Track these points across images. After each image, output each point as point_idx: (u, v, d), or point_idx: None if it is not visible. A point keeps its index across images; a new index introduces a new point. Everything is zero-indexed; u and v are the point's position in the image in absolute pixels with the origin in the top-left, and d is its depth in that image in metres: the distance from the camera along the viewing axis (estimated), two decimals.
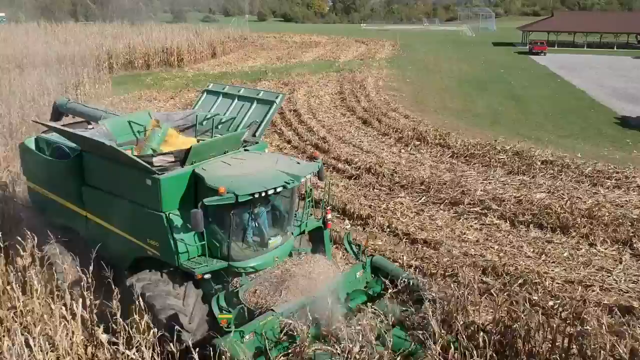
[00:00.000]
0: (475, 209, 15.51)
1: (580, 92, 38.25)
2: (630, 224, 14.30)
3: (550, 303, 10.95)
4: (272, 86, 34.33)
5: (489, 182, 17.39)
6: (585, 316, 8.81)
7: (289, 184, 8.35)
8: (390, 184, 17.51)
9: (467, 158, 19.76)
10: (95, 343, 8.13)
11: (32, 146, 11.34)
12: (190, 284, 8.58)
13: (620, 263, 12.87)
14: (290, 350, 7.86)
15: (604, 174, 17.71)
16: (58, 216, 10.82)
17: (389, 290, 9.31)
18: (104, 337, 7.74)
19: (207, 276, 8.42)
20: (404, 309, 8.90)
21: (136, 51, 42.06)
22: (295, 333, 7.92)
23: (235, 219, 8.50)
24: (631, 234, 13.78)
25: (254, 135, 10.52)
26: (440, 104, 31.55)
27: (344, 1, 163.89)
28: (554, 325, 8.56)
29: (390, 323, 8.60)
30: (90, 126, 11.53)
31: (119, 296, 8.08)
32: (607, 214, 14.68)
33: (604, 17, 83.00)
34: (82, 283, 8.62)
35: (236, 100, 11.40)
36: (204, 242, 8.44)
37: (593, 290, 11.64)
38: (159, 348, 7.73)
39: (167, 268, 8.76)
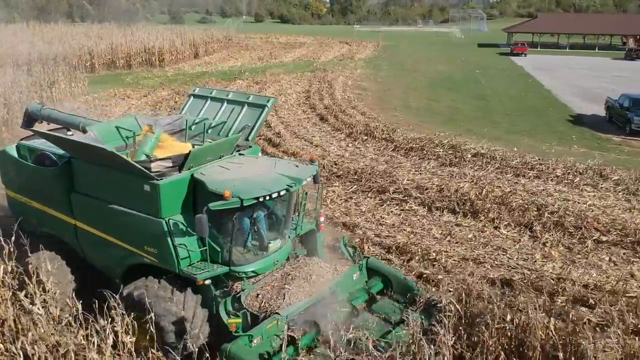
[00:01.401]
0: (399, 197, 16.75)
1: (546, 92, 39.44)
2: (536, 209, 15.53)
3: (440, 277, 12.20)
4: (244, 85, 35.61)
5: (419, 173, 18.63)
6: (469, 287, 9.69)
7: (291, 187, 8.41)
8: (328, 174, 18.75)
9: (407, 151, 21.01)
10: None
11: (14, 153, 10.90)
12: (189, 290, 8.52)
13: (518, 243, 14.12)
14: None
15: (527, 166, 18.94)
16: (43, 225, 10.51)
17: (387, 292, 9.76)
18: None
19: (207, 282, 8.38)
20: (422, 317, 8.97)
21: (118, 51, 43.34)
22: (298, 337, 8.13)
23: (237, 223, 8.41)
24: (533, 219, 15.02)
25: (246, 139, 10.49)
26: (402, 103, 32.79)
27: (341, 3, 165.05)
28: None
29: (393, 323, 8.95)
30: (69, 132, 11.28)
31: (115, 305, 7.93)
32: (516, 200, 15.92)
33: (587, 19, 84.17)
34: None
35: (225, 104, 11.32)
36: (205, 248, 8.36)
37: (484, 267, 12.89)
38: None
39: (162, 275, 8.59)
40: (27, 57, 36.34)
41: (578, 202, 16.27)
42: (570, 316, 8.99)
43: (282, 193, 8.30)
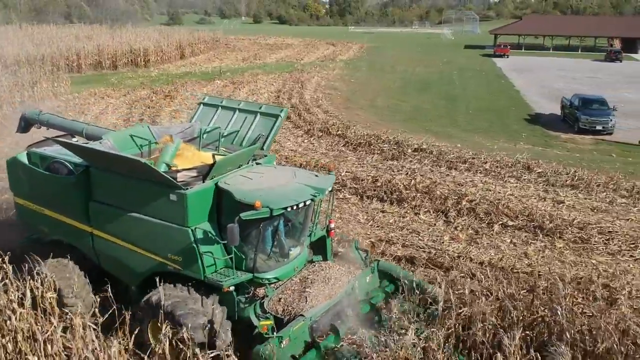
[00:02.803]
0: (335, 186, 18.23)
1: (515, 93, 40.92)
2: (456, 198, 17.04)
3: None
4: (221, 84, 37.20)
5: (361, 166, 20.16)
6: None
7: (315, 196, 8.69)
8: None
9: (355, 146, 22.55)
10: None
11: (25, 161, 10.76)
12: (213, 295, 8.72)
13: (432, 227, 15.63)
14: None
15: (461, 160, 20.45)
16: (55, 233, 10.52)
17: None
18: None
19: (231, 288, 8.60)
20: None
21: (104, 52, 44.99)
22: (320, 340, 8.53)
23: (262, 232, 8.63)
24: (450, 206, 16.53)
25: (261, 148, 10.61)
26: (369, 103, 34.33)
27: (339, 4, 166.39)
28: None
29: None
30: (74, 139, 11.34)
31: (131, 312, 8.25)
32: (440, 190, 17.44)
33: (571, 21, 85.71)
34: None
35: (237, 113, 11.37)
36: (231, 256, 8.54)
37: (396, 247, 14.40)
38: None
39: (181, 282, 8.79)
40: (14, 59, 38.07)
41: (499, 192, 17.75)
42: (458, 286, 10.71)
43: (307, 203, 8.60)
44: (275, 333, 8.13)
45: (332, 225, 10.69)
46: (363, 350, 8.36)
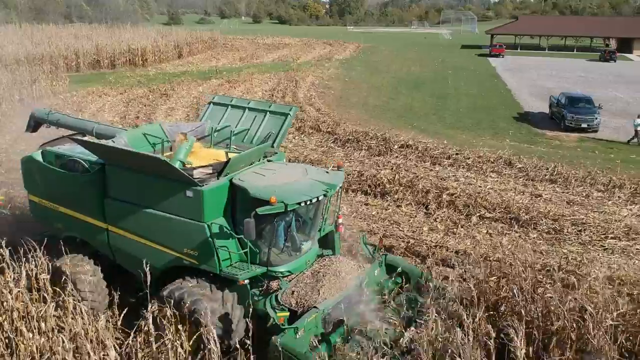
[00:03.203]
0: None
1: (506, 92, 41.53)
2: (437, 192, 17.70)
3: None
4: (217, 83, 37.86)
5: (348, 161, 20.84)
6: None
7: (327, 192, 9.01)
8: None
9: (344, 143, 23.23)
10: None
11: (40, 159, 11.04)
12: (228, 289, 9.09)
13: (413, 219, 16.30)
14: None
15: (445, 155, 21.13)
16: (69, 230, 10.78)
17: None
18: None
19: (246, 281, 8.88)
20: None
21: (103, 51, 45.69)
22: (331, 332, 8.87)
23: (276, 226, 8.97)
24: (430, 199, 17.19)
25: (271, 146, 10.89)
26: (361, 101, 34.99)
27: (339, 4, 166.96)
28: None
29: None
30: (85, 138, 11.50)
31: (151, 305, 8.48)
32: (422, 184, 18.11)
33: (567, 21, 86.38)
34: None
35: (246, 112, 11.59)
36: (246, 250, 8.86)
37: (376, 236, 15.04)
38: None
39: (198, 276, 9.14)
40: (14, 58, 38.78)
41: (479, 186, 18.43)
42: (433, 272, 11.46)
43: (320, 198, 8.93)
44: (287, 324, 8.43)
45: (341, 221, 10.95)
46: (375, 339, 8.57)
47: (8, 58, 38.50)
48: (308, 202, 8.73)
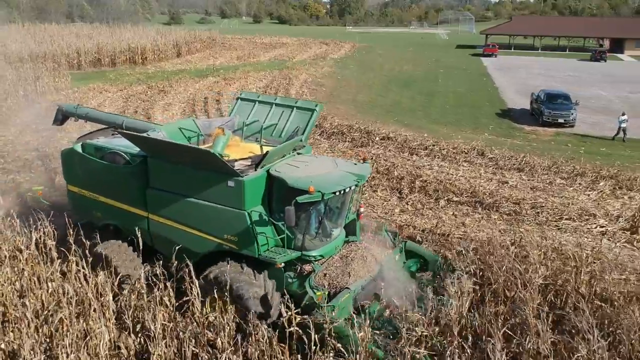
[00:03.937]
0: None
1: (493, 90, 42.97)
2: (411, 178, 19.16)
3: None
4: (213, 80, 39.32)
5: (332, 151, 22.29)
6: None
7: (358, 182, 9.78)
8: None
9: (329, 135, 24.70)
10: None
11: (80, 151, 11.55)
12: (265, 272, 9.77)
13: (386, 202, 17.77)
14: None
15: (422, 146, 22.60)
16: (108, 218, 11.37)
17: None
18: None
19: (282, 265, 9.53)
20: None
21: (104, 50, 47.23)
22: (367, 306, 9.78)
23: (311, 214, 9.64)
24: (404, 185, 18.64)
25: (300, 140, 11.37)
26: (351, 97, 36.45)
27: (339, 4, 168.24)
28: None
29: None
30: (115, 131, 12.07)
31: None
32: (398, 171, 19.57)
33: (560, 22, 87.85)
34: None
35: (274, 107, 12.14)
36: (282, 236, 9.57)
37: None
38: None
39: (236, 260, 9.74)
40: (17, 55, 40.34)
41: (451, 174, 19.89)
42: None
43: (352, 187, 9.70)
44: (325, 302, 9.20)
45: (362, 209, 11.61)
46: (404, 314, 9.19)
47: (12, 56, 40.05)
48: (342, 192, 9.46)
